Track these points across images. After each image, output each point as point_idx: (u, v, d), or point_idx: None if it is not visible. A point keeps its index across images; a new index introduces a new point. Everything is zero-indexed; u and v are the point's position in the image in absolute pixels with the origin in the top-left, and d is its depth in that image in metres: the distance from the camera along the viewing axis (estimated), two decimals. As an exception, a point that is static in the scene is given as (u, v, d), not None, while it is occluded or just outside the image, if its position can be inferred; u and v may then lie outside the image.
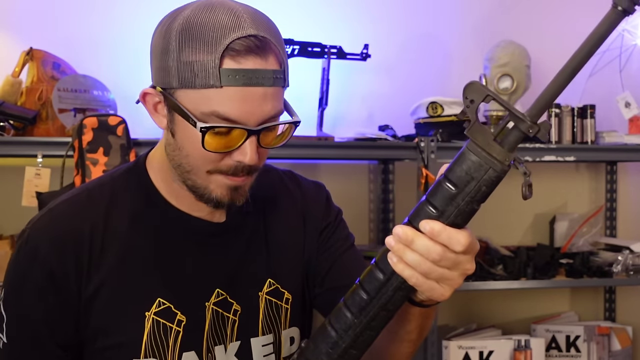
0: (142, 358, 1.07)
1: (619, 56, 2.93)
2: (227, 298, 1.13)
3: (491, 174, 0.83)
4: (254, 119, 1.02)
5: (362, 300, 0.90)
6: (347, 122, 2.82)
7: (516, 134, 0.84)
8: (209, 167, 1.05)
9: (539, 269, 2.70)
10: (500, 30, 2.93)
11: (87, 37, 2.62)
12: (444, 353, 2.65)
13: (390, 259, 0.88)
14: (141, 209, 1.12)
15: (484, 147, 0.83)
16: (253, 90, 1.01)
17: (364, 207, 2.87)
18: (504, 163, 0.83)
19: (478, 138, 0.83)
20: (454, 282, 0.91)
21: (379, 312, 0.90)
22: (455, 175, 0.84)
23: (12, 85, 2.39)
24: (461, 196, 0.84)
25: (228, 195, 1.06)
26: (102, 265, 1.07)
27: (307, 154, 2.53)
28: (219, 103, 1.00)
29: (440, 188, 0.86)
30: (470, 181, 0.83)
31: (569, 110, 2.77)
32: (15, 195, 2.32)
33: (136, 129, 2.35)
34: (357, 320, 0.91)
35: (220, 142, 1.02)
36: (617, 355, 2.89)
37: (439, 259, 0.87)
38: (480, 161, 0.83)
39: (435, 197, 0.87)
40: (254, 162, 1.03)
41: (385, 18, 2.91)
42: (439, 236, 0.87)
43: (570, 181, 3.10)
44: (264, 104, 1.02)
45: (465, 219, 0.88)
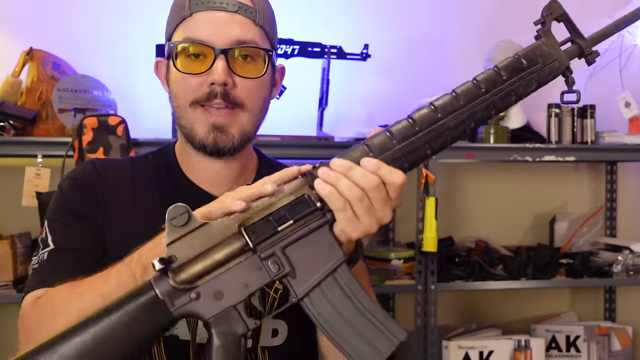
0: None
1: (619, 56, 2.92)
2: None
3: (555, 65, 1.03)
4: (221, 40, 1.13)
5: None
6: (347, 122, 2.82)
7: (574, 49, 1.05)
8: (190, 98, 1.15)
9: (539, 269, 2.69)
10: (501, 31, 2.93)
11: (87, 37, 2.62)
12: (444, 353, 2.65)
13: (317, 183, 0.91)
14: (160, 178, 1.23)
15: (554, 46, 1.04)
16: (218, 14, 1.14)
17: (364, 207, 2.87)
18: (563, 63, 1.03)
19: (549, 39, 1.05)
20: (377, 218, 0.92)
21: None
22: (528, 56, 1.03)
23: (12, 85, 2.39)
24: (524, 73, 1.02)
25: (211, 134, 1.14)
26: (114, 214, 1.18)
27: (307, 154, 2.53)
28: (189, 29, 1.15)
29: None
30: (536, 63, 1.03)
31: (569, 110, 2.76)
32: (15, 195, 2.32)
33: (136, 129, 2.35)
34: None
35: (192, 64, 1.14)
36: (617, 355, 2.89)
37: (374, 186, 0.91)
38: (550, 52, 1.04)
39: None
40: (222, 79, 1.11)
41: (385, 18, 2.91)
42: (379, 169, 0.92)
43: (570, 181, 3.10)
44: (229, 27, 1.13)
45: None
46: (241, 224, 0.92)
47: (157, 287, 0.90)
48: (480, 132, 2.73)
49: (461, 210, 2.99)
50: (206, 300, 0.90)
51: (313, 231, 0.92)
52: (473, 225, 2.96)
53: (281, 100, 2.61)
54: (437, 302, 2.56)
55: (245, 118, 1.16)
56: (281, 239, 0.92)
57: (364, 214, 0.91)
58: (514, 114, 2.80)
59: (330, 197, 0.91)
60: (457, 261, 2.68)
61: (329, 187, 0.91)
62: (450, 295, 2.93)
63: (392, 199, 0.93)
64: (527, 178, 3.05)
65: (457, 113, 0.97)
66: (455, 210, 2.98)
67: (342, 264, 0.93)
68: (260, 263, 0.92)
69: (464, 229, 2.95)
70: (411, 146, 0.95)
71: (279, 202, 0.93)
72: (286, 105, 2.63)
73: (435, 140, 0.97)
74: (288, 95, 2.59)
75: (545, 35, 1.05)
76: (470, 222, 2.99)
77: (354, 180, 0.91)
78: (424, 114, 0.96)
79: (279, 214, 0.92)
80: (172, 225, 0.91)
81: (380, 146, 0.94)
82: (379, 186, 0.91)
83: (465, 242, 2.88)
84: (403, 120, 0.96)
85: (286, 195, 0.93)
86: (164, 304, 0.89)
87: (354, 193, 0.90)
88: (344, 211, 0.91)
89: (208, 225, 0.92)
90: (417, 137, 0.96)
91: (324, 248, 0.93)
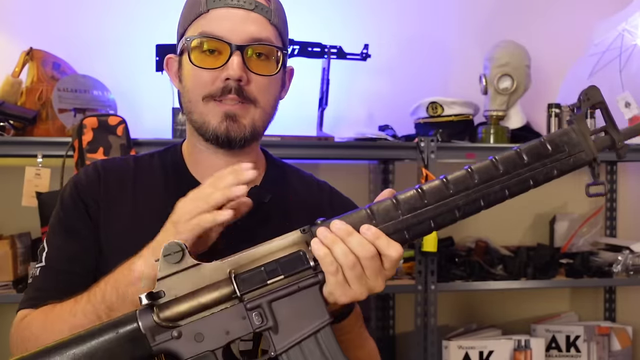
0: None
1: (619, 56, 2.92)
2: None
3: (581, 155, 0.98)
4: (237, 37, 1.14)
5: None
6: (347, 122, 2.81)
7: (606, 140, 0.99)
8: (204, 93, 1.15)
9: (539, 269, 2.69)
10: (500, 30, 2.93)
11: (87, 37, 2.62)
12: (444, 353, 2.65)
13: (314, 243, 0.92)
14: (164, 177, 1.23)
15: (584, 134, 0.98)
16: (235, 11, 1.15)
17: (364, 207, 2.87)
18: (591, 154, 0.98)
19: (581, 126, 0.98)
20: (368, 286, 0.93)
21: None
22: (554, 142, 0.97)
23: (12, 85, 2.39)
24: (547, 160, 0.97)
25: (223, 123, 1.15)
26: (115, 214, 1.19)
27: (307, 154, 2.53)
28: (205, 24, 1.15)
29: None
30: (562, 150, 0.97)
31: (569, 110, 2.76)
32: (15, 195, 2.32)
33: (136, 129, 2.35)
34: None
35: (209, 59, 1.15)
36: (617, 355, 2.89)
37: (369, 256, 0.91)
38: (578, 141, 0.97)
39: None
40: (237, 75, 1.12)
41: (385, 18, 2.91)
42: (377, 239, 0.92)
43: (570, 181, 3.09)
44: (246, 24, 1.15)
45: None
46: (232, 270, 0.92)
47: (141, 320, 0.91)
48: (480, 132, 2.74)
49: (461, 210, 2.99)
50: (186, 341, 0.91)
51: (302, 289, 0.92)
52: (473, 225, 2.96)
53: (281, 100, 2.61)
54: (437, 302, 2.56)
55: (257, 114, 1.18)
56: (269, 292, 0.92)
57: (354, 281, 0.92)
58: (514, 114, 2.80)
59: (324, 260, 0.91)
60: (457, 261, 2.68)
61: (324, 250, 0.91)
62: (450, 295, 2.93)
63: (386, 269, 0.94)
64: (527, 178, 3.04)
65: (469, 192, 0.95)
66: (455, 210, 2.98)
67: (326, 326, 0.92)
68: (245, 313, 0.92)
69: (464, 229, 2.94)
70: (416, 219, 0.94)
71: (274, 253, 0.93)
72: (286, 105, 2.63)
73: (442, 216, 0.95)
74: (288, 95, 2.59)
75: (578, 122, 0.98)
76: (470, 222, 2.98)
77: (350, 247, 0.91)
78: (434, 186, 0.95)
79: (271, 266, 0.92)
80: (165, 262, 0.91)
81: (384, 214, 0.93)
82: (374, 257, 0.92)
83: (465, 242, 2.88)
84: (413, 189, 0.95)
85: (283, 248, 0.94)
86: (145, 338, 0.90)
87: (348, 259, 0.91)
88: (335, 275, 0.91)
89: (200, 266, 0.92)
90: (423, 211, 0.94)
91: (310, 307, 0.92)
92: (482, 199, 0.95)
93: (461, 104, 2.71)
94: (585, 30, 2.96)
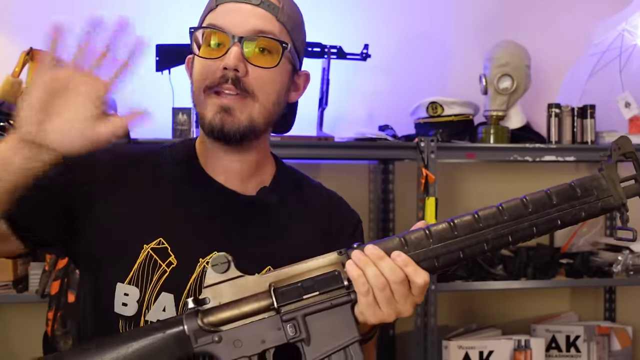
0: (125, 283, 1.14)
1: (619, 56, 2.92)
2: None
3: (609, 200, 1.03)
4: (239, 30, 1.15)
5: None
6: (347, 122, 2.81)
7: (635, 188, 1.05)
8: (204, 84, 1.16)
9: (539, 269, 2.70)
10: (500, 30, 2.93)
11: (87, 37, 2.62)
12: (444, 353, 2.65)
13: (349, 264, 0.99)
14: (179, 166, 1.24)
15: (614, 181, 1.04)
16: (241, 5, 1.17)
17: (364, 207, 2.87)
18: (619, 200, 1.03)
19: (611, 173, 1.04)
20: (397, 310, 0.99)
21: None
22: (584, 186, 1.03)
23: (12, 85, 2.39)
24: (576, 202, 1.02)
25: (218, 116, 1.15)
26: (129, 186, 1.19)
27: (307, 154, 2.53)
28: (214, 17, 1.18)
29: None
30: (590, 194, 1.03)
31: (569, 110, 2.76)
32: (15, 195, 2.31)
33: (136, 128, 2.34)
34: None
35: (212, 51, 1.16)
36: (617, 355, 2.89)
37: (398, 281, 0.97)
38: (607, 186, 1.03)
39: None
40: (234, 64, 1.13)
41: (385, 18, 2.91)
42: (406, 266, 0.98)
43: (570, 181, 3.10)
44: (251, 18, 1.16)
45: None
46: (272, 283, 0.99)
47: (186, 323, 0.98)
48: (480, 132, 2.74)
49: (461, 210, 2.98)
50: (226, 345, 0.98)
51: (335, 306, 0.99)
52: (473, 225, 2.96)
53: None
54: (437, 302, 2.56)
55: (256, 108, 1.16)
56: (305, 307, 0.99)
57: (384, 303, 0.98)
58: (514, 114, 2.80)
59: (357, 281, 0.98)
60: (457, 261, 2.68)
61: (357, 271, 0.98)
62: (450, 295, 2.93)
63: (414, 295, 0.99)
64: (527, 178, 3.05)
65: (498, 227, 1.01)
66: (455, 210, 2.98)
67: (355, 343, 0.99)
68: (280, 324, 0.98)
69: (464, 229, 2.94)
70: (445, 249, 1.00)
71: (311, 271, 1.00)
72: (286, 105, 2.63)
73: (471, 248, 1.01)
74: (288, 95, 2.60)
75: (608, 169, 1.05)
76: (470, 222, 2.99)
77: (381, 270, 0.98)
78: (465, 220, 1.01)
79: (308, 283, 0.99)
80: (213, 271, 0.99)
81: (416, 242, 1.00)
82: (403, 281, 0.98)
83: (465, 242, 2.87)
84: (444, 222, 1.01)
85: (320, 267, 1.00)
86: (189, 339, 0.97)
87: (379, 282, 0.97)
88: (366, 296, 0.98)
89: (244, 277, 1.00)
90: (453, 241, 1.00)
91: (341, 324, 0.99)
92: (511, 234, 1.01)
93: (461, 104, 2.71)
94: (585, 30, 2.96)
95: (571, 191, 1.02)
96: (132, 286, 1.14)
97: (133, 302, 1.14)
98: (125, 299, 1.14)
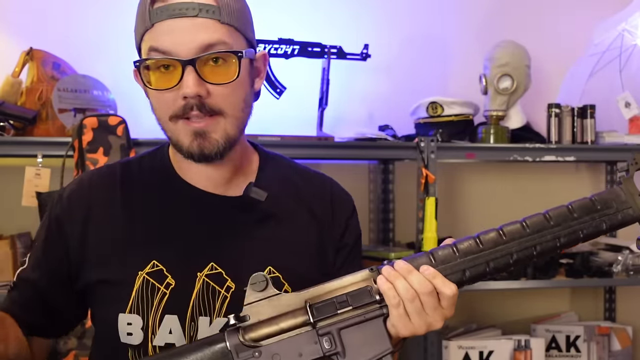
0: (126, 313, 1.14)
1: (619, 56, 2.92)
2: (223, 274, 1.17)
3: (629, 212, 1.06)
4: (186, 50, 1.08)
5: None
6: (347, 122, 2.81)
7: None
8: (169, 113, 1.11)
9: (539, 269, 2.69)
10: (500, 30, 2.93)
11: (87, 37, 2.62)
12: (444, 353, 2.65)
13: (380, 278, 1.02)
14: (155, 179, 1.22)
15: (633, 194, 1.07)
16: (179, 22, 1.08)
17: (364, 207, 2.87)
18: (638, 211, 1.06)
19: (630, 187, 1.07)
20: (427, 322, 1.02)
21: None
22: (603, 200, 1.07)
23: (12, 85, 2.39)
24: (596, 214, 1.06)
25: (195, 142, 1.12)
26: (107, 223, 1.18)
27: (307, 154, 2.53)
28: (153, 39, 1.10)
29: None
30: (610, 207, 1.06)
31: (569, 110, 2.76)
32: (15, 195, 2.32)
33: (136, 129, 2.35)
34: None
35: (161, 78, 1.10)
36: (617, 355, 2.89)
37: (427, 292, 1.01)
38: (626, 199, 1.06)
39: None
40: (194, 92, 1.07)
41: (385, 18, 2.91)
42: (434, 279, 1.02)
43: (570, 181, 3.10)
44: (193, 34, 1.08)
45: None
46: (308, 300, 1.03)
47: (228, 340, 1.02)
48: (480, 132, 2.74)
49: (461, 210, 2.99)
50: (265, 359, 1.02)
51: (368, 320, 1.03)
52: (473, 225, 2.96)
53: (281, 100, 2.61)
54: (437, 302, 2.55)
55: (228, 123, 1.13)
56: (339, 321, 1.03)
57: (414, 315, 1.01)
58: (514, 114, 2.80)
59: (388, 294, 1.01)
60: (457, 261, 2.67)
61: (388, 284, 1.01)
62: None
63: (443, 307, 1.03)
64: (527, 178, 3.05)
65: (522, 240, 1.05)
66: (455, 210, 2.98)
67: (387, 354, 1.03)
68: (317, 338, 1.02)
69: (464, 229, 2.94)
70: (472, 262, 1.05)
71: (345, 288, 1.04)
72: (286, 105, 2.63)
73: (497, 260, 1.05)
74: (288, 95, 2.59)
75: (626, 183, 1.08)
76: (470, 222, 2.99)
77: (410, 283, 1.01)
78: (490, 237, 1.06)
79: (342, 298, 1.03)
80: (252, 289, 1.03)
81: (443, 257, 1.05)
82: (432, 293, 1.01)
83: (465, 242, 2.87)
84: (470, 238, 1.06)
85: (352, 283, 1.04)
86: (230, 354, 1.01)
87: (409, 294, 1.00)
88: (398, 308, 1.01)
89: (281, 295, 1.03)
90: (479, 255, 1.05)
91: (374, 337, 1.03)
92: (535, 247, 1.05)
93: (461, 104, 2.71)
94: (585, 30, 2.96)
95: (591, 205, 1.07)
96: (134, 314, 1.14)
97: (137, 331, 1.14)
98: (130, 329, 1.14)
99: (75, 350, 2.17)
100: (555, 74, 3.02)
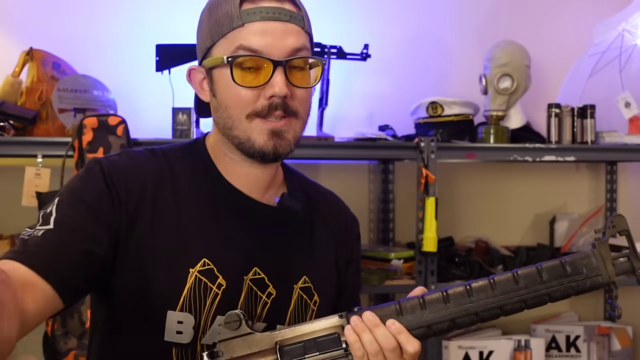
0: (177, 310, 1.12)
1: (619, 56, 2.92)
2: (265, 279, 1.18)
3: (598, 279, 1.07)
4: (278, 51, 1.12)
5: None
6: (347, 122, 2.81)
7: (626, 266, 1.09)
8: (247, 111, 1.13)
9: (539, 269, 2.69)
10: (500, 30, 2.93)
11: (87, 37, 2.62)
12: (444, 353, 2.65)
13: (347, 329, 1.05)
14: (200, 177, 1.20)
15: (605, 259, 1.07)
16: (272, 24, 1.12)
17: (364, 207, 2.87)
18: (609, 279, 1.07)
19: (603, 251, 1.07)
20: None
21: None
22: (574, 265, 1.07)
23: (12, 85, 2.39)
24: (565, 280, 1.06)
25: (270, 141, 1.14)
26: (158, 208, 1.15)
27: (307, 154, 2.53)
28: (243, 38, 1.12)
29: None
30: (580, 273, 1.07)
31: (569, 110, 2.76)
32: (15, 195, 2.32)
33: (136, 129, 2.35)
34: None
35: (250, 76, 1.12)
36: (617, 355, 2.89)
37: (391, 348, 1.03)
38: (597, 265, 1.06)
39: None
40: (283, 92, 1.11)
41: (385, 18, 2.91)
42: (399, 334, 1.03)
43: (570, 181, 3.10)
44: (285, 37, 1.13)
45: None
46: (279, 341, 1.06)
47: None
48: (480, 132, 2.74)
49: (461, 210, 2.99)
50: None
51: None
52: (473, 225, 2.96)
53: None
54: (437, 302, 2.55)
55: (298, 125, 1.17)
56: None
57: None
58: (514, 113, 2.80)
59: (353, 345, 1.04)
60: (457, 261, 2.68)
61: (354, 336, 1.04)
62: None
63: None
64: (527, 178, 3.05)
65: (488, 300, 1.06)
66: (455, 210, 2.98)
67: None
68: None
69: (464, 229, 2.95)
70: (437, 319, 1.06)
71: (315, 332, 1.07)
72: (286, 105, 2.63)
73: (461, 318, 1.06)
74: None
75: (600, 247, 1.08)
76: (470, 222, 2.99)
77: (376, 337, 1.03)
78: (457, 292, 1.06)
79: (310, 343, 1.06)
80: (226, 327, 1.06)
81: (410, 310, 1.06)
82: (395, 349, 1.03)
83: (465, 242, 2.88)
84: (438, 292, 1.07)
85: (323, 328, 1.07)
86: None
87: (373, 348, 1.03)
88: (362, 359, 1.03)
89: (254, 334, 1.07)
90: (445, 312, 1.06)
91: None
92: (500, 308, 1.08)
93: (461, 104, 2.71)
94: (585, 30, 2.96)
95: (561, 268, 1.07)
96: (186, 313, 1.12)
97: (188, 329, 1.13)
98: (180, 327, 1.13)
99: (75, 350, 2.17)
100: (555, 74, 3.02)
